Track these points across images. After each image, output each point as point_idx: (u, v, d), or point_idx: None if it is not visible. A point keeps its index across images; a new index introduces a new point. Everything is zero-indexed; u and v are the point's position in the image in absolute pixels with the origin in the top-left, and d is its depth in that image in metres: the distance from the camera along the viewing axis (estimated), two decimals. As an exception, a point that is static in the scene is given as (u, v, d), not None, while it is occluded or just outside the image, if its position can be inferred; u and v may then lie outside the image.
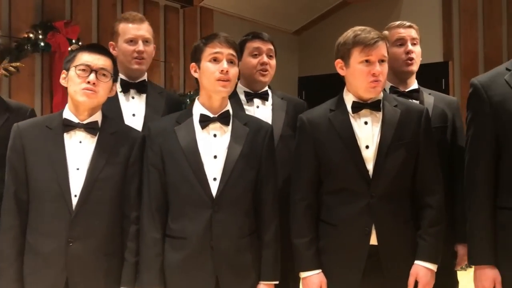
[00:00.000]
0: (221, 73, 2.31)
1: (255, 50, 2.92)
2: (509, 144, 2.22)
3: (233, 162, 2.34)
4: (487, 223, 2.22)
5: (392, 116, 2.37)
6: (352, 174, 2.32)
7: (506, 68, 2.29)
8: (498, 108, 2.21)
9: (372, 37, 2.29)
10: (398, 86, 2.88)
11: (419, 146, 2.37)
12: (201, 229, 2.28)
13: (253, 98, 2.94)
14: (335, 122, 2.38)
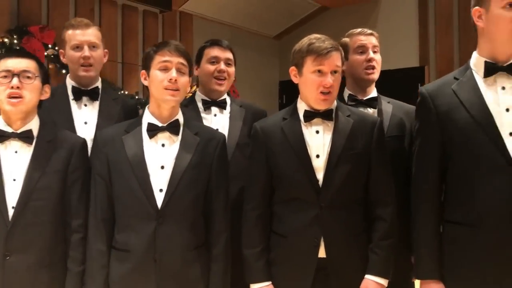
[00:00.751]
0: (170, 82, 2.29)
1: (212, 57, 2.95)
2: (455, 156, 2.20)
3: (181, 173, 2.29)
4: (433, 238, 2.21)
5: (344, 126, 2.34)
6: (302, 183, 2.30)
7: (454, 77, 2.28)
8: (444, 118, 2.20)
9: (325, 47, 2.26)
10: (357, 94, 2.86)
11: (371, 157, 2.34)
12: (145, 242, 2.24)
13: (210, 106, 2.94)
14: (287, 130, 2.35)
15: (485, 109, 2.13)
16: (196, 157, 2.34)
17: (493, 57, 2.18)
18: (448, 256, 2.17)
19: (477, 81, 2.20)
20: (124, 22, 5.09)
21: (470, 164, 2.14)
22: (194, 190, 2.32)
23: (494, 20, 2.12)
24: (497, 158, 2.08)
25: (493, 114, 2.12)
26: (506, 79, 2.16)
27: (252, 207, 2.38)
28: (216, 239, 2.36)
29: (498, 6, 2.10)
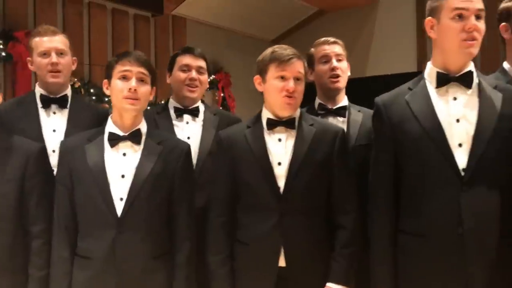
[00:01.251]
0: (129, 91, 2.31)
1: (184, 65, 2.96)
2: (406, 167, 2.22)
3: (141, 182, 2.31)
4: (387, 249, 2.23)
5: (307, 135, 2.37)
6: (264, 190, 2.32)
7: (408, 87, 2.29)
8: (396, 129, 2.21)
9: (287, 54, 2.32)
10: (326, 103, 2.90)
11: (332, 166, 2.37)
12: (105, 250, 2.27)
13: (183, 113, 2.94)
14: (250, 138, 2.39)
15: (436, 120, 2.15)
16: (158, 166, 2.36)
17: (446, 67, 2.20)
18: (401, 266, 2.22)
19: (429, 92, 2.22)
20: (114, 26, 5.03)
21: (420, 175, 2.17)
22: (155, 199, 2.34)
23: (444, 31, 2.16)
24: (446, 169, 2.11)
25: (444, 125, 2.15)
26: (458, 90, 2.19)
27: (216, 214, 2.41)
28: (180, 247, 2.38)
29: (447, 17, 2.14)
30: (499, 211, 2.11)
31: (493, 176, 2.12)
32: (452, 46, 2.15)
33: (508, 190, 2.15)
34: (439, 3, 2.18)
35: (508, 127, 2.14)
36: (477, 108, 2.16)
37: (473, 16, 2.13)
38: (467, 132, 2.13)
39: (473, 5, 2.13)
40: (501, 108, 2.15)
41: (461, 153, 2.12)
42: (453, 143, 2.13)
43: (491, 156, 2.11)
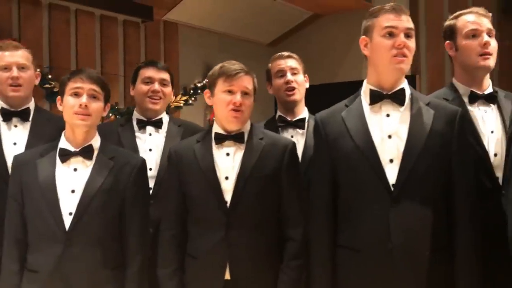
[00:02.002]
0: (80, 107, 2.37)
1: (146, 78, 3.02)
2: (341, 182, 2.27)
3: (90, 197, 2.36)
4: (324, 262, 2.27)
5: (255, 149, 2.41)
6: (211, 205, 2.36)
7: (345, 104, 2.35)
8: (332, 145, 2.27)
9: (235, 69, 2.37)
10: (286, 116, 2.99)
11: (281, 180, 2.40)
12: (52, 264, 2.31)
13: (145, 125, 2.99)
14: (198, 153, 2.43)
15: (368, 136, 2.21)
16: (108, 182, 2.40)
17: (379, 84, 2.26)
18: (340, 280, 2.27)
19: (363, 109, 2.28)
20: (102, 32, 5.06)
21: (354, 191, 2.23)
22: (105, 214, 2.39)
23: (376, 48, 2.22)
24: (377, 184, 2.17)
25: (376, 141, 2.20)
26: (390, 107, 2.25)
27: (166, 227, 2.46)
28: (131, 260, 2.43)
29: (378, 35, 2.21)
30: (429, 226, 2.16)
31: (423, 191, 2.17)
32: (383, 62, 2.21)
33: (439, 205, 2.20)
34: (371, 22, 2.25)
35: (438, 143, 2.19)
36: (408, 124, 2.21)
37: (402, 34, 2.19)
38: (398, 148, 2.19)
39: (403, 24, 2.21)
40: (432, 124, 2.20)
41: (392, 169, 2.18)
42: (384, 159, 2.19)
43: (420, 172, 2.16)
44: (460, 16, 2.62)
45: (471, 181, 2.25)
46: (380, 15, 2.23)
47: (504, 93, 2.63)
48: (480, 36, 2.52)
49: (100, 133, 2.74)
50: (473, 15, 2.57)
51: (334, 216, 2.28)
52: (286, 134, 2.96)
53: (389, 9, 2.22)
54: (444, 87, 2.69)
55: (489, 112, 2.53)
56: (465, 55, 2.56)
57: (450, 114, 2.25)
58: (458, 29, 2.59)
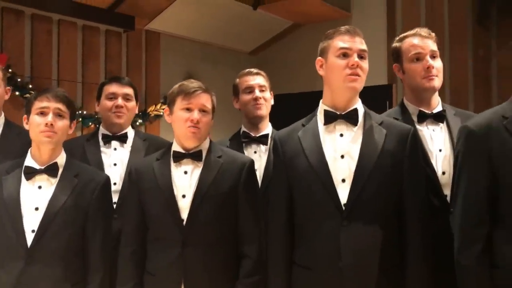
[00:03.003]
0: (46, 126, 2.43)
1: (110, 94, 3.10)
2: (297, 200, 2.32)
3: (53, 214, 2.41)
4: (280, 280, 2.32)
5: (213, 167, 2.46)
6: (168, 223, 2.40)
7: (302, 123, 2.41)
8: (289, 164, 2.33)
9: (193, 87, 2.43)
10: (250, 131, 3.05)
11: (238, 197, 2.45)
12: (13, 280, 2.35)
13: (110, 140, 3.04)
14: (157, 171, 2.47)
15: (322, 156, 2.26)
16: (72, 199, 2.46)
17: (333, 105, 2.33)
18: None
19: (319, 129, 2.33)
20: (84, 42, 5.14)
21: (308, 210, 2.27)
22: (67, 231, 2.43)
23: (331, 68, 2.30)
24: (329, 204, 2.21)
25: (329, 161, 2.25)
26: (344, 127, 2.31)
27: (125, 244, 2.50)
28: (91, 277, 2.48)
29: (333, 56, 2.28)
30: (379, 244, 2.19)
31: (374, 210, 2.21)
32: (337, 81, 2.28)
33: (390, 223, 2.24)
34: (327, 43, 2.34)
35: (389, 163, 2.24)
36: (360, 144, 2.26)
37: (355, 55, 2.28)
38: (350, 168, 2.23)
39: (356, 45, 2.30)
40: (383, 144, 2.26)
41: (344, 189, 2.22)
42: (336, 179, 2.23)
43: (371, 191, 2.20)
44: (404, 39, 2.69)
45: (422, 200, 2.31)
46: (335, 37, 2.32)
47: (454, 111, 2.69)
48: (424, 60, 2.59)
49: (67, 148, 2.81)
50: (416, 38, 2.63)
51: (291, 234, 2.33)
52: (249, 149, 3.02)
53: (344, 31, 2.32)
54: (395, 106, 2.77)
55: (437, 130, 2.58)
56: (411, 78, 2.63)
57: (402, 133, 2.30)
58: (403, 52, 2.66)
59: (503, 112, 2.16)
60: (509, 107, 2.17)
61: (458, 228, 2.15)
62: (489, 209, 2.09)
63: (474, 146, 2.13)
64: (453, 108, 2.73)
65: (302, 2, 5.69)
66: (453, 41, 5.64)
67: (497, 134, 2.10)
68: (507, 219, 2.07)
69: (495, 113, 2.17)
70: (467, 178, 2.14)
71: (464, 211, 2.13)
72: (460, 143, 2.20)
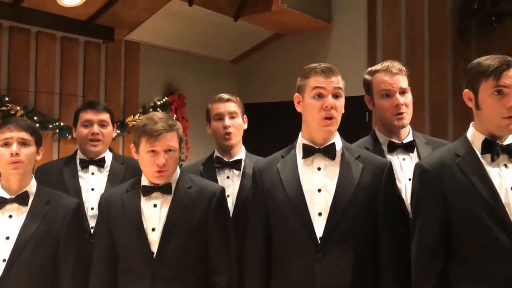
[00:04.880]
0: (11, 156, 2.43)
1: (86, 121, 3.08)
2: (274, 232, 2.34)
3: (24, 243, 2.40)
4: None
5: (182, 199, 2.46)
6: (138, 255, 2.40)
7: (281, 155, 2.43)
8: (267, 195, 2.36)
9: (156, 130, 2.38)
10: (223, 156, 3.04)
11: (207, 227, 2.46)
12: None
13: (88, 165, 3.02)
14: (127, 203, 2.47)
15: (299, 189, 2.28)
16: (43, 227, 2.46)
17: (311, 139, 2.36)
18: None
19: (297, 161, 2.36)
20: (63, 53, 5.08)
21: (284, 241, 2.30)
22: (39, 258, 2.43)
23: (307, 107, 2.32)
24: (304, 237, 2.23)
25: (306, 194, 2.27)
26: (322, 161, 2.33)
27: (95, 275, 2.50)
28: None
29: (308, 96, 2.31)
30: (353, 277, 2.21)
31: (349, 244, 2.23)
32: (313, 122, 2.31)
33: (365, 257, 2.27)
34: (304, 82, 2.35)
35: (364, 197, 2.27)
36: (337, 178, 2.29)
37: (330, 96, 2.28)
38: (326, 201, 2.26)
39: (331, 85, 2.30)
40: (360, 178, 2.29)
41: (320, 222, 2.24)
42: (313, 212, 2.25)
43: (346, 225, 2.23)
44: (375, 73, 2.71)
45: (397, 233, 2.33)
46: (310, 76, 2.33)
47: (425, 139, 2.74)
48: (394, 97, 2.62)
49: (43, 172, 2.79)
50: (387, 75, 2.65)
51: (268, 265, 2.35)
52: (222, 174, 3.01)
53: (319, 71, 2.31)
54: (367, 136, 2.79)
55: (407, 160, 2.63)
56: (381, 112, 2.68)
57: (378, 167, 2.34)
58: (373, 87, 2.70)
59: (455, 150, 2.22)
60: (462, 144, 2.23)
61: (414, 263, 2.20)
62: (442, 244, 2.15)
63: (428, 184, 2.19)
64: (424, 137, 2.77)
65: (283, 13, 5.68)
66: (433, 54, 5.66)
67: (450, 172, 2.16)
68: (459, 251, 2.13)
69: (449, 150, 2.24)
70: (422, 214, 2.20)
71: (419, 246, 2.19)
72: (415, 181, 2.26)
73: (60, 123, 4.92)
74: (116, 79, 5.54)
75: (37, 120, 4.68)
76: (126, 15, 5.12)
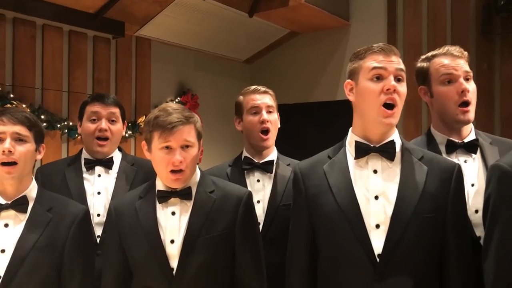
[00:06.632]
0: (3, 154, 2.07)
1: (93, 114, 2.74)
2: (322, 246, 2.00)
3: (22, 257, 2.07)
4: None
5: (204, 205, 2.11)
6: (154, 273, 2.06)
7: (328, 155, 2.07)
8: (312, 202, 2.02)
9: (170, 121, 2.03)
10: (253, 157, 2.68)
11: (235, 238, 2.11)
12: None
13: (94, 166, 2.73)
14: (140, 212, 2.12)
15: (352, 196, 1.93)
16: (44, 238, 2.12)
17: (366, 135, 1.99)
18: None
19: (348, 162, 2.00)
20: (71, 48, 4.85)
21: (333, 258, 1.95)
22: (39, 275, 2.09)
23: (362, 93, 1.95)
24: (359, 254, 1.88)
25: (361, 202, 1.92)
26: (378, 162, 1.97)
27: None
28: None
29: (365, 78, 1.94)
30: None
31: (413, 263, 1.89)
32: (371, 110, 1.95)
33: (431, 277, 1.94)
34: (358, 64, 2.00)
35: (431, 207, 1.93)
36: (398, 184, 1.93)
37: (392, 77, 1.93)
38: (385, 211, 1.92)
39: (392, 65, 1.95)
40: (425, 184, 1.94)
41: (378, 237, 1.89)
42: (369, 224, 1.91)
43: (410, 240, 1.89)
44: (433, 58, 2.38)
45: (468, 248, 1.99)
46: (366, 56, 1.99)
47: (490, 138, 2.38)
48: (457, 82, 2.30)
49: (45, 174, 2.51)
50: (447, 58, 2.34)
51: (313, 282, 2.05)
52: (252, 178, 2.68)
53: (377, 49, 1.98)
54: (422, 135, 2.46)
55: (469, 162, 2.29)
56: (441, 102, 2.33)
57: (445, 170, 1.99)
58: (432, 73, 2.36)
59: None
60: None
61: (492, 284, 1.83)
62: None
63: (509, 189, 1.79)
64: (489, 136, 2.42)
65: (299, 10, 5.44)
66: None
67: None
68: None
69: None
70: (501, 229, 1.80)
71: (497, 271, 1.80)
72: (491, 186, 1.86)
73: (69, 123, 4.66)
74: (127, 77, 5.31)
75: (44, 119, 4.44)
76: (137, 8, 4.89)
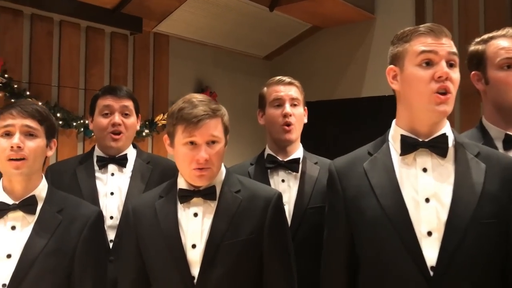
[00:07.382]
0: (12, 150, 1.91)
1: (105, 108, 2.56)
2: (363, 255, 1.78)
3: (29, 264, 1.90)
4: None
5: (230, 206, 1.92)
6: (175, 281, 1.87)
7: (368, 151, 1.84)
8: (351, 205, 1.79)
9: (196, 115, 1.84)
10: (277, 155, 2.45)
11: (262, 244, 1.91)
12: None
13: (107, 163, 2.56)
14: (160, 213, 1.94)
15: (398, 198, 1.70)
16: (53, 242, 1.95)
17: (413, 128, 1.75)
18: None
19: (393, 159, 1.76)
20: (88, 45, 4.71)
21: (377, 271, 1.72)
22: (47, 283, 1.92)
23: (409, 81, 1.71)
24: (409, 265, 1.65)
25: (409, 206, 1.69)
26: (428, 159, 1.73)
27: None
28: None
29: (412, 64, 1.71)
30: None
31: (472, 276, 1.64)
32: (420, 100, 1.70)
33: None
34: (402, 47, 1.76)
35: (492, 211, 1.67)
36: (452, 184, 1.70)
37: (444, 62, 1.69)
38: (439, 217, 1.67)
39: (443, 48, 1.69)
40: (484, 184, 1.68)
41: (431, 246, 1.65)
42: (420, 231, 1.66)
43: (469, 250, 1.64)
44: (490, 40, 2.14)
45: None
46: (413, 39, 1.74)
47: None
48: None
49: (55, 172, 2.36)
50: (507, 40, 2.09)
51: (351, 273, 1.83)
52: (276, 177, 2.46)
53: (425, 31, 1.73)
54: (472, 128, 2.21)
55: None
56: (499, 90, 2.08)
57: (506, 168, 1.73)
58: (489, 57, 2.11)
59: None
60: None
61: None
62: None
63: None
64: None
65: (322, 2, 5.25)
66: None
67: None
68: None
69: None
70: None
71: None
72: None
73: (85, 121, 4.52)
74: (145, 74, 5.16)
75: (60, 117, 4.32)
76: (154, 3, 4.74)
